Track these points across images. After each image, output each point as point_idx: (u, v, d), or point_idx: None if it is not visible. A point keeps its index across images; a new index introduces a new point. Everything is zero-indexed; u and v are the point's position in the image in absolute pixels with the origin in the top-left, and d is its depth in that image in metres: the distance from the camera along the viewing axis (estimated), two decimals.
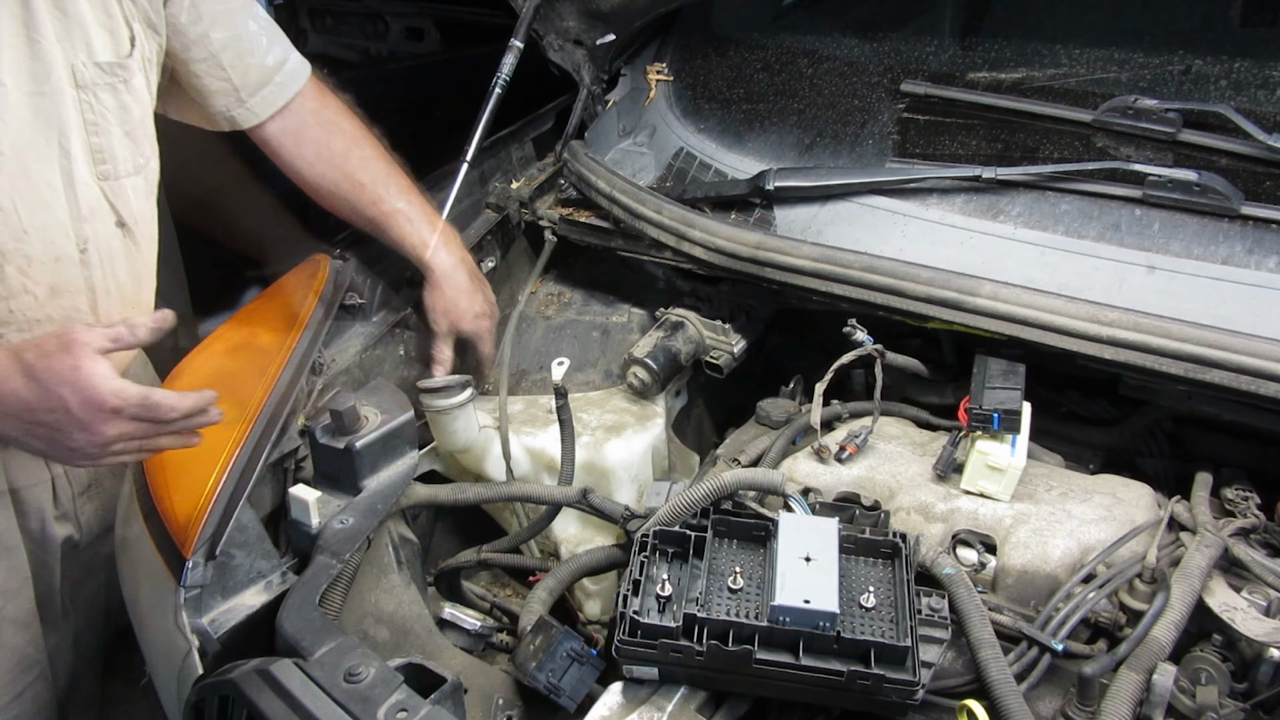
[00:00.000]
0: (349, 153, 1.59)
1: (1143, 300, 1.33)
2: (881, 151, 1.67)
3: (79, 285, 1.35)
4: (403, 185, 1.62)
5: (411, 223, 1.59)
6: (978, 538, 1.27)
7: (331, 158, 1.56)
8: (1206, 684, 1.09)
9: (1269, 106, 1.43)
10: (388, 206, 1.58)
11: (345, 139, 1.60)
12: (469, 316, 1.62)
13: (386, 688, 1.01)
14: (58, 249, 1.30)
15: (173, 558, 1.26)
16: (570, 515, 1.60)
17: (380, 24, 4.75)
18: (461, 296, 1.61)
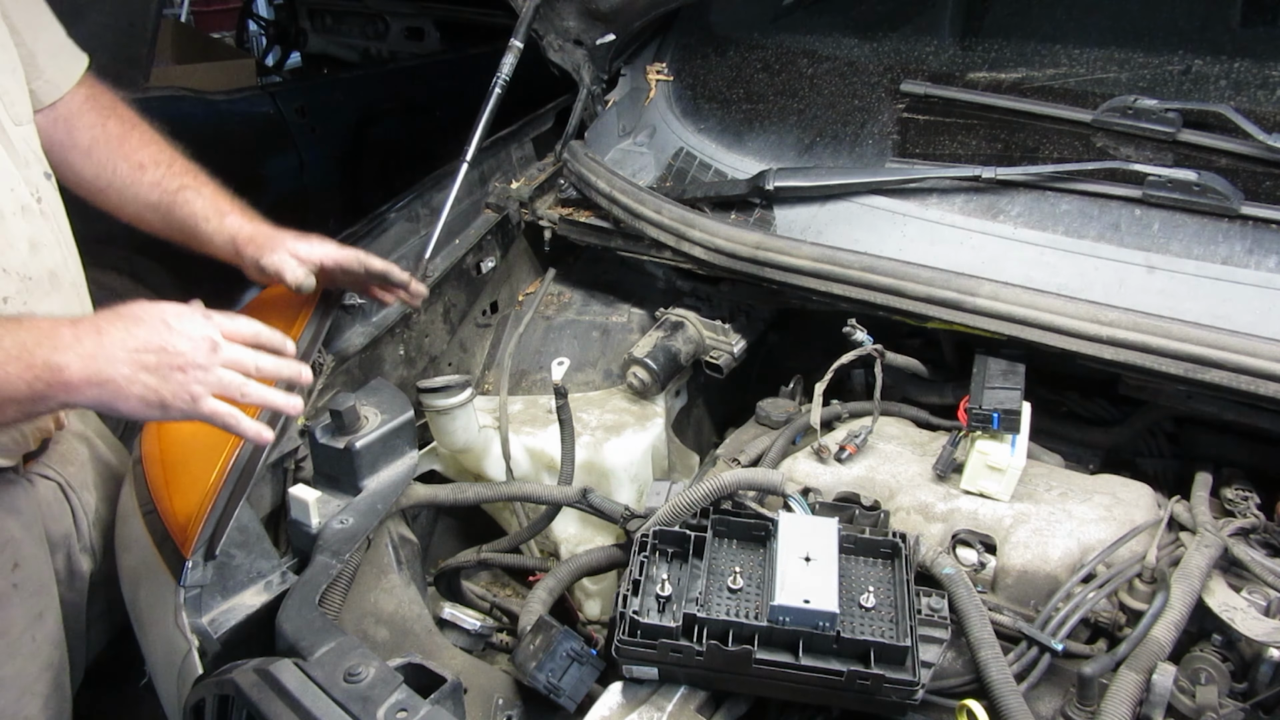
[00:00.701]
0: (126, 135, 1.47)
1: (1142, 300, 1.33)
2: (881, 151, 1.67)
3: (49, 238, 1.32)
4: (188, 167, 1.49)
5: (201, 197, 1.45)
6: (978, 538, 1.27)
7: (108, 140, 1.45)
8: (1206, 684, 1.09)
9: (1269, 106, 1.43)
10: (172, 185, 1.45)
11: (122, 123, 1.49)
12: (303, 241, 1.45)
13: (386, 687, 1.01)
14: (19, 198, 1.26)
15: (173, 557, 1.26)
16: (570, 515, 1.60)
17: (380, 24, 4.76)
18: (283, 235, 1.45)
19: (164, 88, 3.19)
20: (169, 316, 1.10)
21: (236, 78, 3.76)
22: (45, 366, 1.02)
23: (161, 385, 1.07)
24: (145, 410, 1.08)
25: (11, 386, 1.01)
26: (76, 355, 1.04)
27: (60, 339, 1.04)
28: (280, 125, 3.46)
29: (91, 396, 1.05)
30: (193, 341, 1.09)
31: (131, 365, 1.06)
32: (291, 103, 3.52)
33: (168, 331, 1.08)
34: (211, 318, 1.14)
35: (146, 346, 1.07)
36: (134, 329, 1.08)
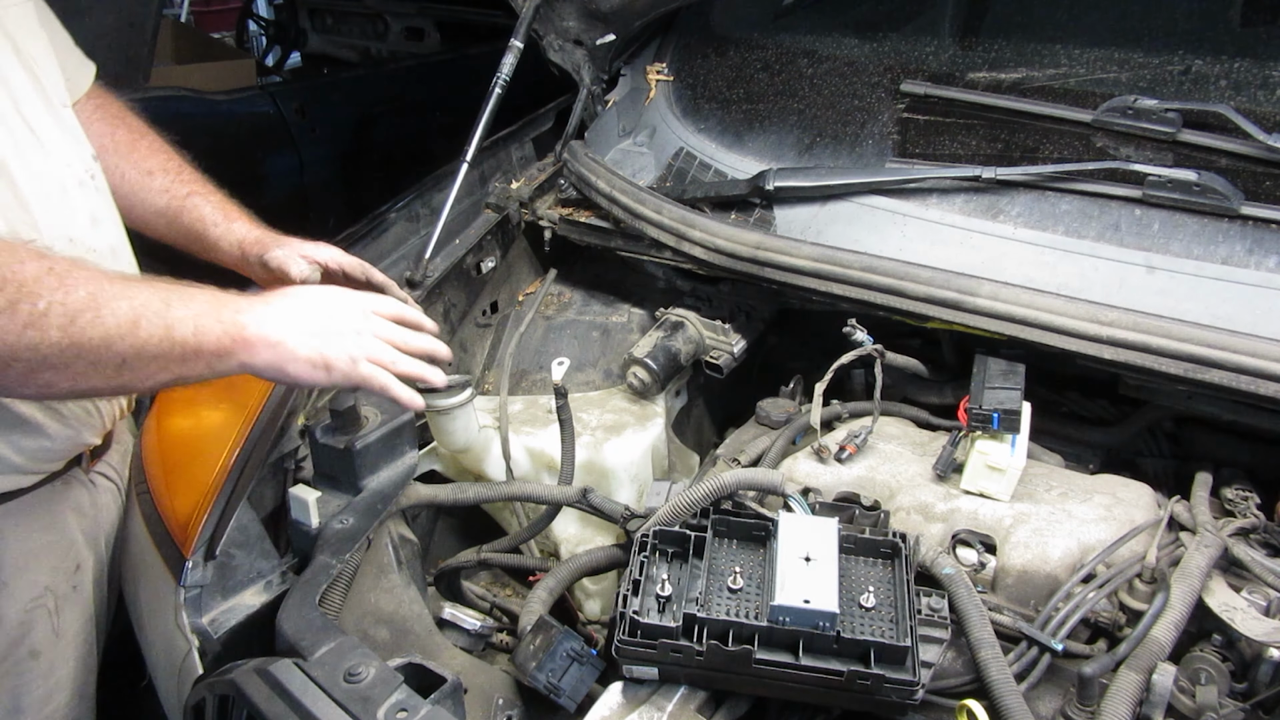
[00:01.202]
0: (135, 143, 1.50)
1: (1142, 300, 1.33)
2: (881, 151, 1.67)
3: (106, 215, 1.35)
4: (196, 176, 1.52)
5: (209, 203, 1.48)
6: (978, 538, 1.27)
7: (117, 147, 1.47)
8: (1206, 684, 1.09)
9: (1269, 106, 1.43)
10: (180, 191, 1.48)
11: (130, 130, 1.51)
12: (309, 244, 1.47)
13: (386, 687, 1.01)
14: (76, 173, 1.29)
15: (173, 557, 1.26)
16: (570, 515, 1.60)
17: (380, 24, 4.76)
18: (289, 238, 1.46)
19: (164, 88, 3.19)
20: (325, 292, 1.20)
21: (236, 78, 3.76)
22: (233, 323, 1.08)
23: (325, 346, 1.14)
24: (310, 371, 1.14)
25: (207, 337, 1.06)
26: (254, 317, 1.10)
27: (241, 302, 1.11)
28: (280, 125, 3.46)
29: (265, 358, 1.11)
30: (350, 311, 1.19)
31: (300, 329, 1.13)
32: (291, 103, 3.52)
33: (327, 301, 1.18)
34: (360, 295, 1.23)
35: (312, 313, 1.16)
36: (297, 300, 1.17)
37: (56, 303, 0.95)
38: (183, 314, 1.04)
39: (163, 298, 1.04)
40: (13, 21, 1.23)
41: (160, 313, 1.02)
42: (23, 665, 1.33)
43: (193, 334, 1.04)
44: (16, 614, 1.31)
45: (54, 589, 1.35)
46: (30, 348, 0.95)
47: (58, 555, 1.36)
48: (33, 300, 0.94)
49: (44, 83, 1.27)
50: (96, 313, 0.98)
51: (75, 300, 0.97)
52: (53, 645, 1.36)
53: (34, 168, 1.20)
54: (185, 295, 1.07)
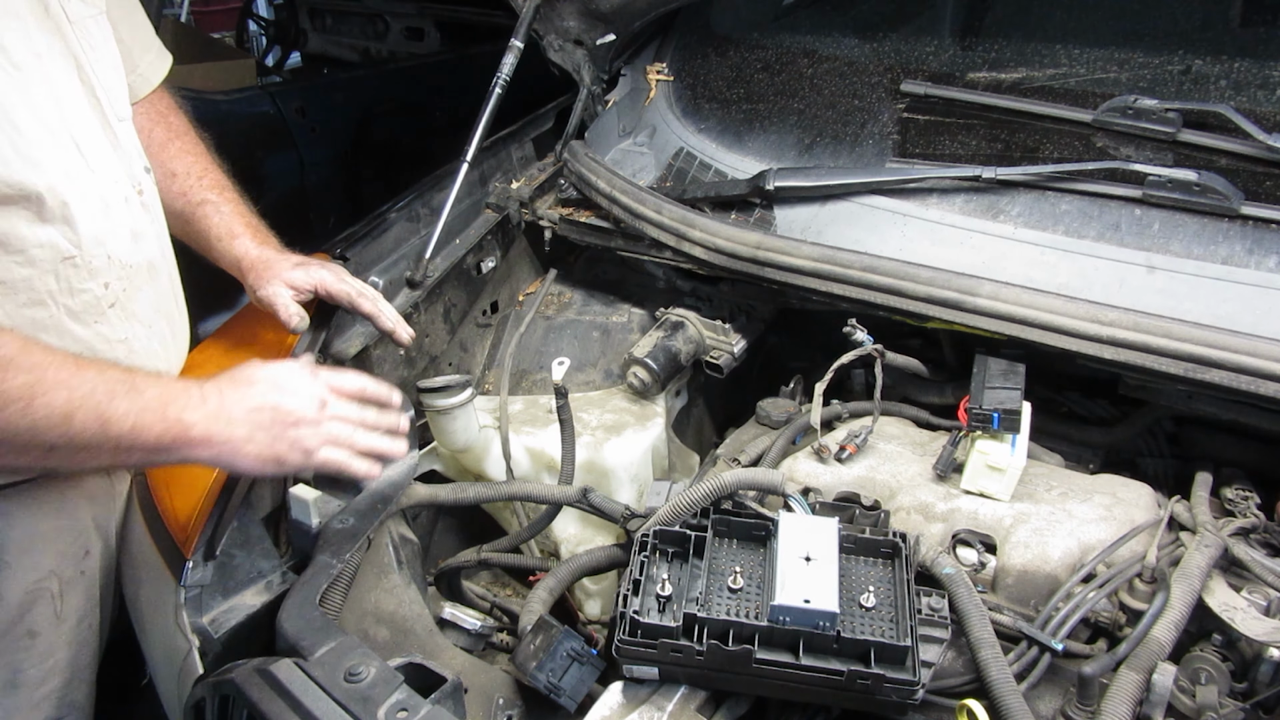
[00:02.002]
0: (168, 143, 1.53)
1: (1143, 300, 1.33)
2: (881, 151, 1.67)
3: (148, 230, 1.36)
4: (218, 181, 1.54)
5: (220, 214, 1.50)
6: (978, 537, 1.27)
7: (150, 146, 1.49)
8: (1206, 684, 1.09)
9: (1269, 106, 1.43)
10: (196, 198, 1.50)
11: (168, 130, 1.54)
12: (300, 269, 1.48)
13: (387, 687, 1.01)
14: (123, 190, 1.30)
15: (173, 557, 1.26)
16: (570, 515, 1.60)
17: (380, 24, 4.76)
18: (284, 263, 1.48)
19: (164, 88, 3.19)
20: (280, 377, 1.18)
21: (236, 78, 3.76)
22: (176, 421, 1.08)
23: (276, 442, 1.15)
24: (260, 466, 1.15)
25: (145, 435, 1.06)
26: (202, 415, 1.10)
27: (191, 398, 1.10)
28: (280, 125, 3.46)
29: (210, 454, 1.12)
30: (303, 399, 1.17)
31: (248, 425, 1.13)
32: (291, 103, 3.51)
33: (279, 392, 1.16)
34: (319, 375, 1.22)
35: (261, 406, 1.14)
36: (250, 390, 1.15)
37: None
38: (124, 409, 1.04)
39: (108, 390, 1.04)
40: (79, 38, 1.25)
41: (101, 406, 1.03)
42: (20, 644, 1.34)
43: (129, 430, 1.05)
44: (18, 595, 1.32)
45: (59, 573, 1.36)
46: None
47: (66, 540, 1.37)
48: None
49: (101, 98, 1.28)
50: (29, 404, 0.99)
51: (8, 390, 0.98)
52: (53, 628, 1.37)
53: (80, 186, 1.22)
54: (136, 388, 1.07)
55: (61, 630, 1.38)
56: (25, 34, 1.15)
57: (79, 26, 1.25)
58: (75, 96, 1.24)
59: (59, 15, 1.21)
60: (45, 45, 1.18)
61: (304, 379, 1.19)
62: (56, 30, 1.21)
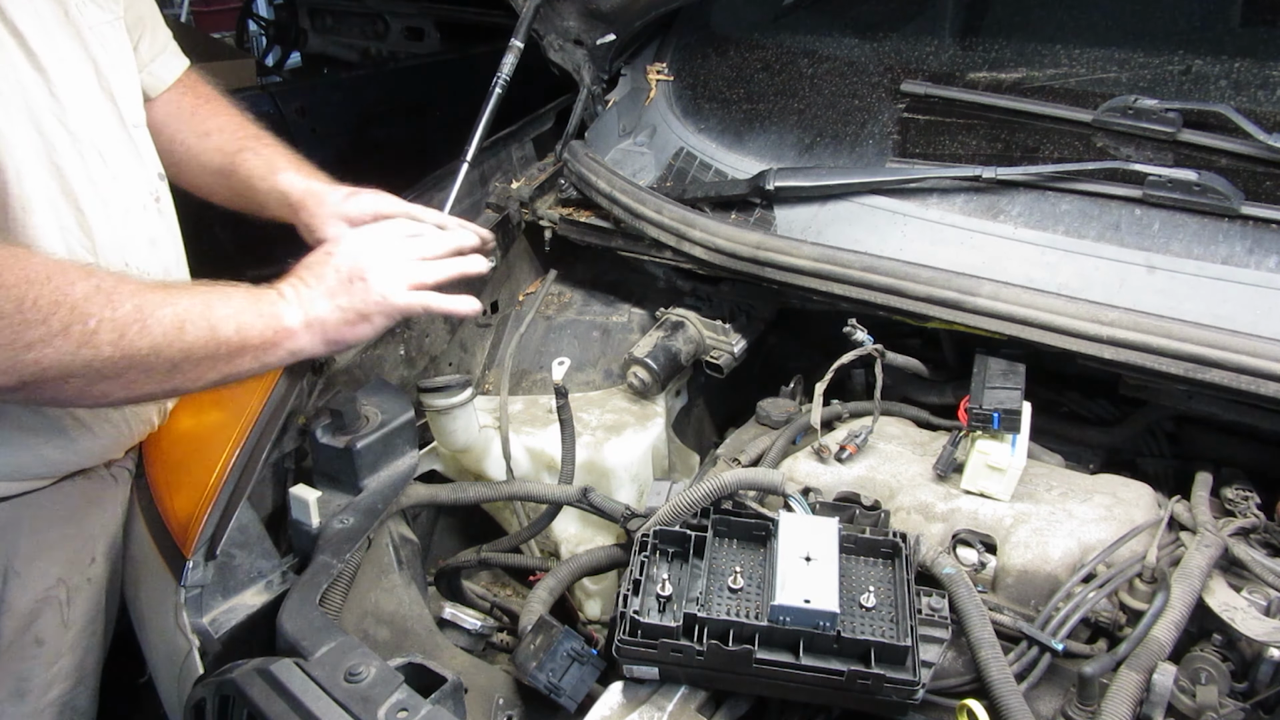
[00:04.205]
0: (198, 108, 1.53)
1: (1143, 300, 1.33)
2: (881, 151, 1.67)
3: (165, 236, 1.37)
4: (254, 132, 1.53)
5: (259, 156, 1.49)
6: (978, 537, 1.27)
7: (180, 114, 1.50)
8: (1206, 684, 1.09)
9: (1269, 106, 1.43)
10: (232, 148, 1.50)
11: (196, 96, 1.54)
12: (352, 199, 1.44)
13: (387, 687, 1.01)
14: (141, 197, 1.31)
15: (173, 557, 1.26)
16: (570, 515, 1.60)
17: (380, 24, 4.76)
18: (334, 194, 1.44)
19: None
20: (350, 247, 1.22)
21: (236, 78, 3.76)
22: (271, 315, 1.14)
23: (359, 303, 1.19)
24: (355, 331, 1.21)
25: (250, 332, 1.11)
26: (289, 305, 1.17)
27: (271, 292, 1.17)
28: (280, 125, 3.46)
29: (309, 340, 1.18)
30: (373, 255, 1.22)
31: (332, 299, 1.19)
32: (291, 103, 3.52)
33: (352, 256, 1.21)
34: (382, 232, 1.27)
35: (340, 278, 1.20)
36: (325, 269, 1.20)
37: (106, 319, 1.00)
38: (225, 313, 1.09)
39: (204, 300, 1.08)
40: (96, 43, 1.25)
41: (204, 314, 1.07)
42: (28, 652, 1.35)
43: (235, 331, 1.09)
44: (26, 603, 1.32)
45: (67, 580, 1.36)
46: (85, 363, 0.99)
47: (74, 547, 1.37)
48: (84, 320, 0.98)
49: (120, 104, 1.29)
50: (143, 324, 1.02)
51: (123, 314, 1.01)
52: (60, 634, 1.37)
53: (101, 193, 1.23)
54: (224, 295, 1.11)
55: (68, 637, 1.39)
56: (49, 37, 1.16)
57: (96, 32, 1.25)
58: (96, 102, 1.24)
59: (78, 20, 1.22)
60: (66, 49, 1.18)
61: (369, 238, 1.25)
62: (76, 35, 1.21)
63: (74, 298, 0.98)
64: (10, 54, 1.10)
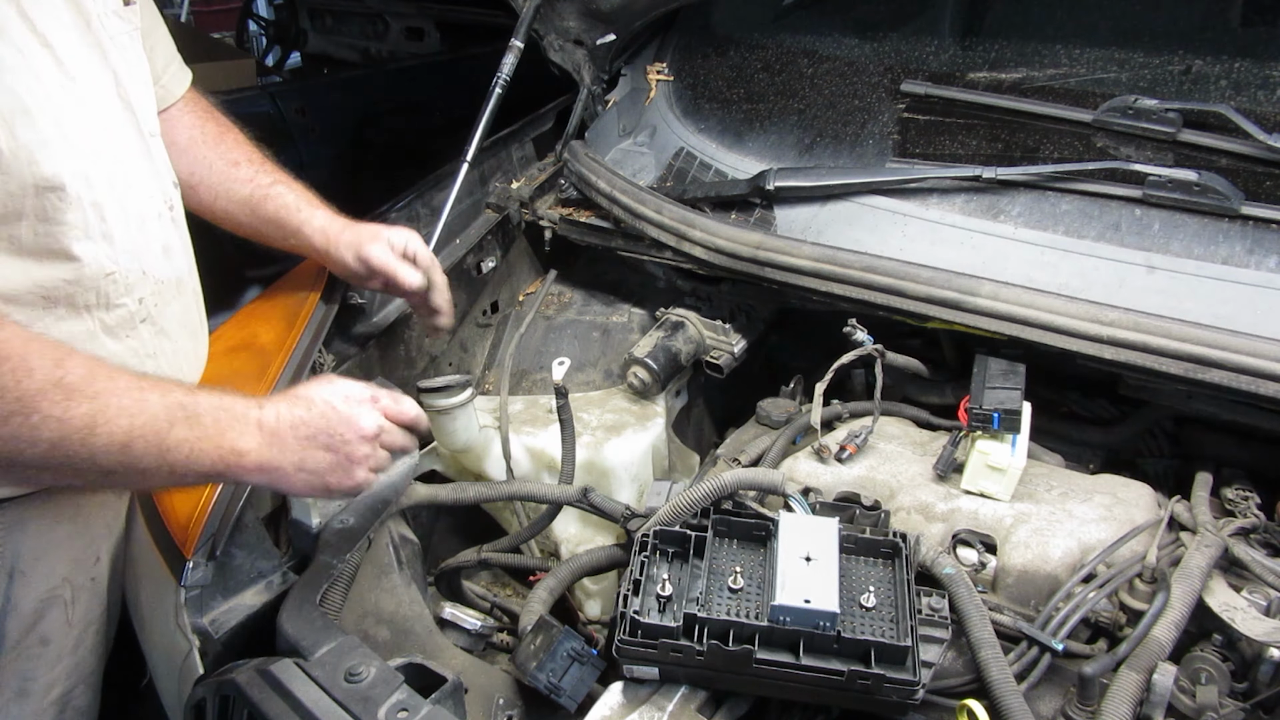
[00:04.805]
0: (223, 135, 1.56)
1: (1143, 300, 1.33)
2: (881, 151, 1.67)
3: (178, 245, 1.37)
4: (275, 168, 1.58)
5: (293, 191, 1.54)
6: (978, 537, 1.27)
7: (205, 139, 1.52)
8: (1206, 684, 1.09)
9: (1269, 106, 1.43)
10: (265, 180, 1.54)
11: (218, 124, 1.57)
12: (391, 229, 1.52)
13: (387, 687, 1.01)
14: (156, 205, 1.32)
15: (173, 557, 1.26)
16: (570, 515, 1.60)
17: (380, 24, 4.76)
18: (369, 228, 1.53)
19: None
20: (339, 404, 1.15)
21: (236, 78, 3.76)
22: (231, 450, 1.07)
23: (326, 473, 1.14)
24: (308, 491, 1.15)
25: (201, 462, 1.06)
26: (256, 443, 1.09)
27: (248, 425, 1.09)
28: (280, 125, 3.46)
29: (260, 479, 1.12)
30: (360, 435, 1.15)
31: (300, 453, 1.12)
32: (291, 103, 3.51)
33: (339, 422, 1.14)
34: (379, 401, 1.19)
35: (316, 436, 1.13)
36: (307, 416, 1.13)
37: (53, 418, 0.96)
38: (181, 436, 1.04)
39: (168, 417, 1.04)
40: (115, 53, 1.25)
41: (160, 434, 1.02)
42: (32, 651, 1.35)
43: (185, 458, 1.04)
44: (32, 603, 1.32)
45: (72, 580, 1.37)
46: (15, 453, 0.96)
47: (79, 547, 1.37)
48: (27, 414, 0.95)
49: (137, 113, 1.29)
50: (90, 433, 0.98)
51: (72, 419, 0.97)
52: (64, 634, 1.37)
53: (121, 201, 1.23)
54: (195, 416, 1.06)
55: (72, 636, 1.39)
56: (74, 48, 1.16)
57: (116, 42, 1.26)
58: (116, 111, 1.25)
59: (99, 31, 1.22)
60: (87, 58, 1.19)
61: (365, 411, 1.17)
62: (97, 44, 1.21)
63: (25, 389, 0.95)
64: (43, 64, 1.11)
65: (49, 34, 1.11)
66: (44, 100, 1.10)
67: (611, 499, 1.38)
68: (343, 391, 1.17)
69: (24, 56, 1.08)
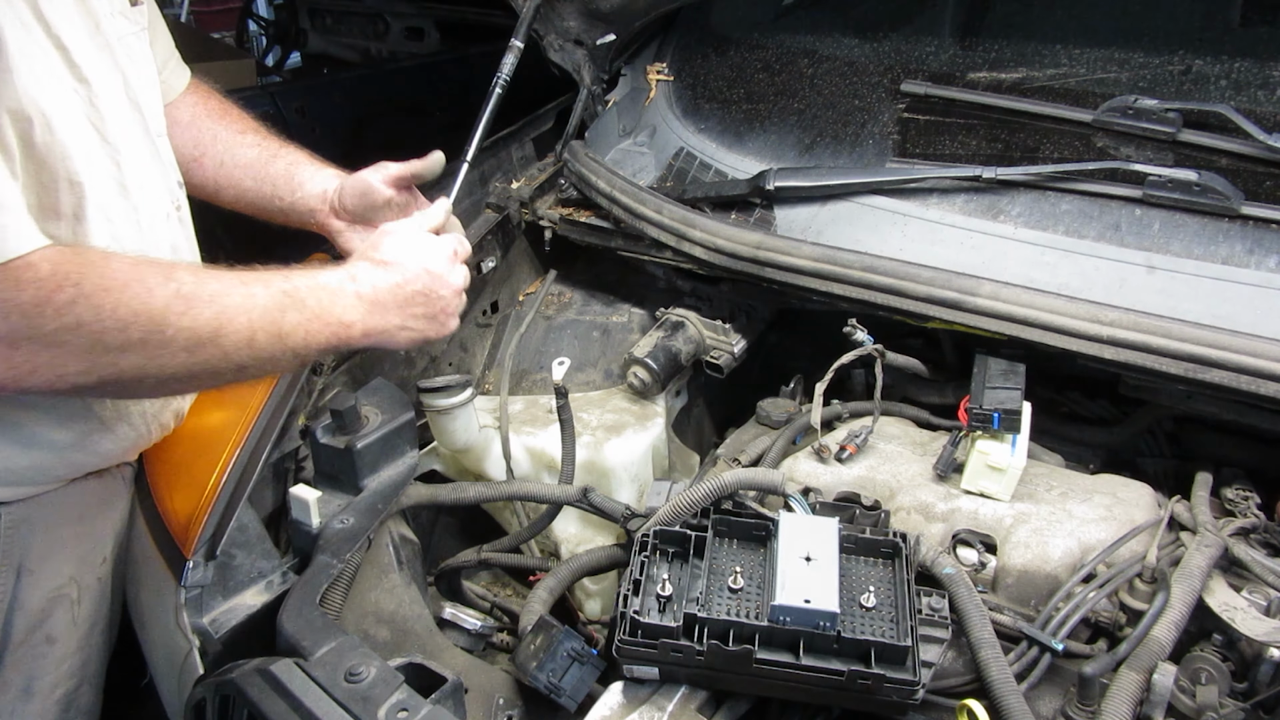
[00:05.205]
0: (227, 110, 1.58)
1: (1143, 300, 1.33)
2: (882, 151, 1.67)
3: (184, 245, 1.38)
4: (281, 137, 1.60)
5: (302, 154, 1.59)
6: (978, 537, 1.27)
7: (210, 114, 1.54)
8: (1206, 684, 1.09)
9: (1269, 106, 1.43)
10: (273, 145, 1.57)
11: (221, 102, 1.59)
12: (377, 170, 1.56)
13: (387, 687, 1.01)
14: (164, 205, 1.32)
15: (174, 558, 1.26)
16: (570, 515, 1.60)
17: (380, 24, 4.76)
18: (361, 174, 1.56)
19: None
20: (429, 261, 1.26)
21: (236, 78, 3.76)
22: (340, 324, 1.16)
23: (426, 327, 1.27)
24: (410, 345, 1.28)
25: (316, 340, 1.14)
26: (360, 313, 1.18)
27: (348, 298, 1.18)
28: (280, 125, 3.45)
29: (368, 344, 1.22)
30: (452, 290, 1.29)
31: (402, 315, 1.23)
32: (291, 103, 3.51)
33: (432, 281, 1.25)
34: (459, 253, 1.33)
35: (414, 299, 1.24)
36: (403, 282, 1.23)
37: (184, 329, 1.01)
38: (294, 320, 1.11)
39: (279, 304, 1.10)
40: (124, 54, 1.26)
41: (275, 324, 1.09)
42: (38, 650, 1.35)
43: (303, 341, 1.12)
44: (39, 601, 1.32)
45: (78, 579, 1.37)
46: (160, 368, 1.02)
47: (86, 546, 1.38)
48: (161, 330, 1.00)
49: (145, 113, 1.30)
50: (218, 334, 1.04)
51: (200, 326, 1.03)
52: (69, 633, 1.38)
53: (133, 201, 1.24)
54: (299, 298, 1.13)
55: (76, 635, 1.39)
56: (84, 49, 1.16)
57: (124, 43, 1.26)
58: (125, 111, 1.25)
59: (109, 32, 1.23)
60: (97, 60, 1.19)
61: (450, 261, 1.28)
62: (107, 47, 1.22)
63: (153, 306, 0.99)
64: (57, 66, 1.11)
65: (63, 35, 1.11)
66: (61, 105, 1.10)
67: (611, 499, 1.38)
68: (428, 250, 1.27)
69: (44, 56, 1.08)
